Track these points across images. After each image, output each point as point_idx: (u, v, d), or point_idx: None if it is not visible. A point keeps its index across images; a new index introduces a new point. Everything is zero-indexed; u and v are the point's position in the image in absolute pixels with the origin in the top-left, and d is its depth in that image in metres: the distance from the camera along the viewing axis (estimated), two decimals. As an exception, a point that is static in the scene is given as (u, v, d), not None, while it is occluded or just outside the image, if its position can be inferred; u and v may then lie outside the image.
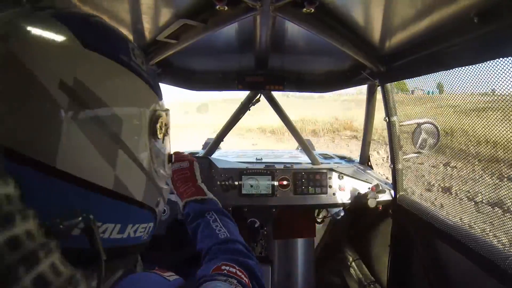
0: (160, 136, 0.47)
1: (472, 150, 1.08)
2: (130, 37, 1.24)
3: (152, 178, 0.46)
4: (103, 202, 0.38)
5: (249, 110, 1.94)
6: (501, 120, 0.90)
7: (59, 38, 0.35)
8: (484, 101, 0.96)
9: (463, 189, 1.17)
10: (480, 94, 0.96)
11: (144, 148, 0.43)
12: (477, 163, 1.06)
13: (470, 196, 1.14)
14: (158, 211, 0.52)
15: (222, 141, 2.09)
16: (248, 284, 0.55)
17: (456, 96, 1.08)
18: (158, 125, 0.45)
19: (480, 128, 1.01)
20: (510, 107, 0.85)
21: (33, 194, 0.32)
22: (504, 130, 0.90)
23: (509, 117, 0.87)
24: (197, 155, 2.12)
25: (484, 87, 0.92)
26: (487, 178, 1.04)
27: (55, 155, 0.33)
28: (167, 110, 0.50)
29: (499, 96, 0.88)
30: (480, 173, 1.06)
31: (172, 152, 0.58)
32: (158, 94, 0.48)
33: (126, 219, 0.42)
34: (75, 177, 0.34)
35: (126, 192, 0.41)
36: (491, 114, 0.95)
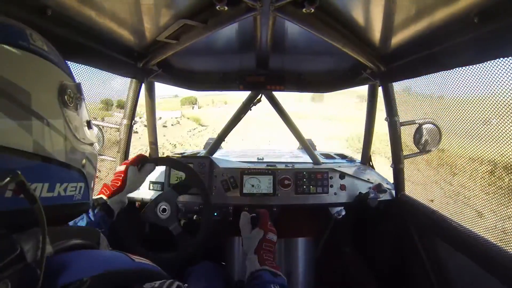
0: (71, 104, 0.53)
1: (473, 150, 1.07)
2: (131, 37, 1.24)
3: (71, 140, 0.52)
4: (27, 164, 0.43)
5: (250, 110, 1.95)
6: (503, 120, 0.90)
7: None
8: (485, 101, 0.96)
9: (465, 188, 1.16)
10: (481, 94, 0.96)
11: (57, 115, 0.49)
12: (478, 162, 1.06)
13: (471, 196, 1.14)
14: (87, 173, 0.57)
15: (224, 140, 2.09)
16: None
17: (457, 96, 1.08)
18: (66, 96, 0.52)
19: (481, 128, 1.00)
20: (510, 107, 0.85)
21: None
22: (505, 130, 0.90)
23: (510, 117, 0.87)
24: (198, 154, 2.13)
25: (484, 87, 0.92)
26: (488, 177, 1.04)
27: None
28: (77, 83, 0.57)
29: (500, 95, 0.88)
30: (482, 172, 1.06)
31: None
32: (63, 69, 0.54)
33: (53, 178, 0.48)
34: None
35: (47, 154, 0.46)
36: (492, 114, 0.94)
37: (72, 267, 0.44)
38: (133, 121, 1.64)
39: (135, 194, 1.49)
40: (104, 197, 1.09)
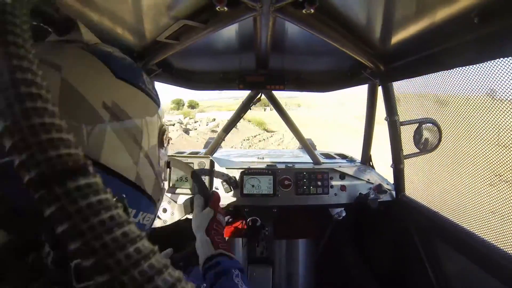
0: (165, 145, 0.60)
1: (474, 150, 1.07)
2: (131, 37, 1.24)
3: (158, 177, 0.58)
4: (127, 190, 0.49)
5: (250, 109, 1.95)
6: (503, 120, 0.90)
7: (97, 70, 0.47)
8: (485, 100, 0.96)
9: (465, 189, 1.16)
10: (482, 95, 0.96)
11: (154, 153, 0.56)
12: (479, 162, 1.06)
13: (472, 196, 1.14)
14: (158, 208, 0.63)
15: (224, 140, 2.10)
16: None
17: (457, 95, 1.08)
18: (164, 137, 0.58)
19: (482, 128, 1.00)
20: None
21: None
22: (506, 129, 0.90)
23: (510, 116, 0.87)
24: (198, 154, 2.13)
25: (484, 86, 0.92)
26: (488, 178, 1.04)
27: (99, 154, 0.44)
28: (168, 126, 0.63)
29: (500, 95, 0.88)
30: (482, 172, 1.06)
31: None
32: (162, 112, 0.60)
33: (140, 206, 0.54)
34: (113, 170, 0.46)
35: (142, 185, 0.52)
36: (493, 113, 0.94)
37: None
38: None
39: None
40: None
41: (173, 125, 22.94)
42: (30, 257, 0.41)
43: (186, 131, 21.58)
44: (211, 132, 21.25)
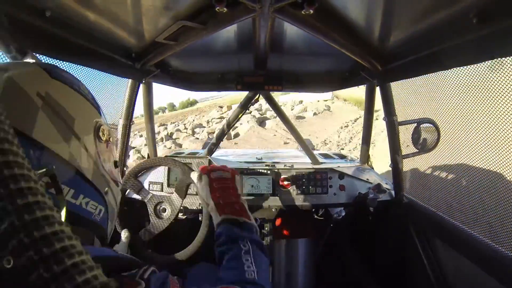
0: (103, 139, 0.65)
1: (473, 150, 1.08)
2: (130, 38, 1.24)
3: (98, 167, 0.63)
4: (60, 168, 0.53)
5: (248, 110, 1.95)
6: (502, 119, 0.91)
7: (36, 70, 0.58)
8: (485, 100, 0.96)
9: (464, 188, 1.17)
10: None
11: (91, 142, 0.62)
12: (478, 162, 1.07)
13: (471, 196, 1.14)
14: (108, 202, 0.66)
15: (222, 140, 2.09)
16: None
17: (457, 94, 1.09)
18: (100, 132, 0.64)
19: (480, 127, 1.01)
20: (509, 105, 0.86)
21: None
22: (504, 129, 0.90)
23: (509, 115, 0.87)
24: (197, 154, 2.13)
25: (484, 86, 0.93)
26: (488, 178, 1.04)
27: (32, 130, 0.51)
28: (110, 129, 0.70)
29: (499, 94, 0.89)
30: (481, 172, 1.06)
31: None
32: (100, 114, 0.68)
33: (78, 188, 0.57)
34: (43, 144, 0.52)
35: (78, 167, 0.57)
36: (492, 113, 0.95)
37: None
38: (132, 122, 1.63)
39: (135, 195, 1.49)
40: None
41: (250, 113, 17.21)
42: None
43: (262, 121, 16.68)
44: (296, 119, 16.35)
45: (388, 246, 1.75)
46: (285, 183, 1.69)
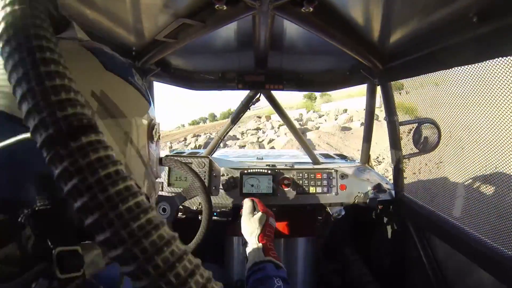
0: (155, 139, 0.59)
1: (473, 150, 1.07)
2: (130, 36, 1.24)
3: (148, 171, 0.58)
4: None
5: (249, 109, 1.95)
6: (503, 119, 0.90)
7: (89, 62, 0.48)
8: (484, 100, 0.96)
9: (464, 188, 1.16)
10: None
11: (143, 146, 0.55)
12: (478, 162, 1.06)
13: (471, 196, 1.14)
14: (152, 203, 0.62)
15: (223, 140, 2.09)
16: None
17: (457, 94, 1.08)
18: (154, 131, 0.58)
19: (480, 127, 1.00)
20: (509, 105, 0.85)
21: None
22: (505, 129, 0.90)
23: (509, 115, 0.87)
24: (198, 154, 2.13)
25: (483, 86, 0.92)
26: (488, 177, 1.04)
27: None
28: (158, 122, 0.64)
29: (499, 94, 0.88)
30: (481, 172, 1.06)
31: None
32: (153, 110, 0.61)
33: None
34: None
35: (131, 176, 0.49)
36: (492, 113, 0.94)
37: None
38: None
39: None
40: None
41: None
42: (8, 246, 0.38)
43: (302, 133, 13.60)
44: (341, 131, 14.37)
45: (388, 246, 1.74)
46: (286, 182, 1.69)
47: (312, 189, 1.70)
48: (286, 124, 2.13)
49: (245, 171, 1.70)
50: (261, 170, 1.71)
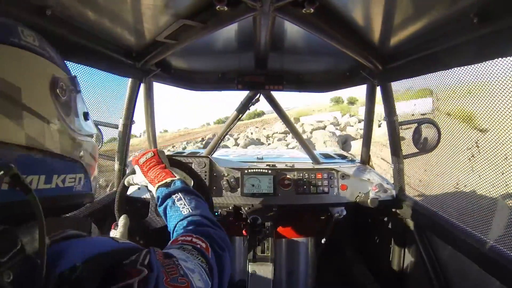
0: (63, 97, 0.54)
1: (473, 150, 1.08)
2: (130, 37, 1.24)
3: (65, 132, 0.54)
4: (21, 157, 0.45)
5: (249, 109, 1.95)
6: (503, 119, 0.90)
7: None
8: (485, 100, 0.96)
9: (464, 188, 1.17)
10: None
11: (49, 108, 0.51)
12: (478, 162, 1.07)
13: (471, 196, 1.14)
14: (86, 164, 0.59)
15: (223, 140, 2.09)
16: (206, 248, 0.64)
17: (456, 94, 1.08)
18: (58, 88, 0.53)
19: (481, 127, 1.01)
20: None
21: None
22: (505, 129, 0.90)
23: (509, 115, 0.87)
24: (198, 154, 2.13)
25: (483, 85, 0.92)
26: (488, 177, 1.04)
27: None
28: (71, 76, 0.59)
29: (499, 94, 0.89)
30: (481, 172, 1.06)
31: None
32: (56, 64, 0.56)
33: (48, 170, 0.50)
34: None
35: (40, 146, 0.48)
36: (492, 113, 0.95)
37: (65, 255, 0.45)
38: (132, 122, 1.63)
39: (136, 194, 1.49)
40: None
41: (324, 128, 15.57)
42: None
43: (345, 141, 12.88)
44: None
45: (388, 246, 1.74)
46: (286, 182, 1.69)
47: (312, 189, 1.70)
48: (287, 126, 2.14)
49: (246, 171, 1.70)
50: (261, 170, 1.71)
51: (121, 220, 1.17)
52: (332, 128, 14.57)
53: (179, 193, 0.79)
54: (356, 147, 11.21)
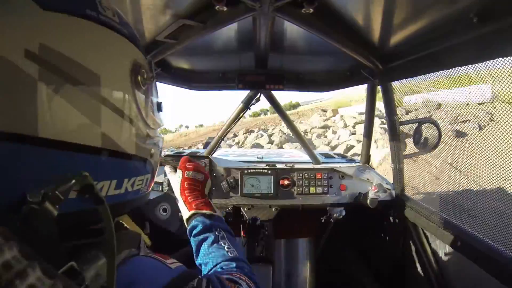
0: (143, 87, 0.47)
1: (472, 150, 1.08)
2: None
3: (141, 129, 0.46)
4: (94, 161, 0.39)
5: (249, 109, 1.95)
6: (503, 119, 0.90)
7: (14, 5, 0.32)
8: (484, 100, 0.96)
9: (464, 188, 1.16)
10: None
11: (129, 100, 0.43)
12: (477, 162, 1.06)
13: (471, 196, 1.14)
14: (154, 162, 0.53)
15: (223, 140, 2.09)
16: None
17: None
18: (139, 77, 0.45)
19: (481, 127, 1.00)
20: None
21: (22, 167, 0.33)
22: (505, 129, 0.90)
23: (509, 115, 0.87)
24: (198, 154, 2.13)
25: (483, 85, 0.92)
26: (488, 177, 1.04)
27: (35, 125, 0.33)
28: (150, 60, 0.51)
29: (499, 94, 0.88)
30: (481, 172, 1.06)
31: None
32: (137, 44, 0.47)
33: (121, 173, 0.43)
34: (61, 142, 0.35)
35: (117, 147, 0.41)
36: (492, 113, 0.94)
37: (140, 282, 0.41)
38: None
39: None
40: None
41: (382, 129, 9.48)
42: None
43: None
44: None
45: (388, 246, 1.74)
46: (286, 182, 1.69)
47: (312, 189, 1.70)
48: (286, 124, 2.13)
49: (246, 171, 1.70)
50: (261, 170, 1.71)
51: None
52: (377, 121, 9.99)
53: (222, 232, 0.74)
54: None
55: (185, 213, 0.81)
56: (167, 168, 1.00)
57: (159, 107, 0.55)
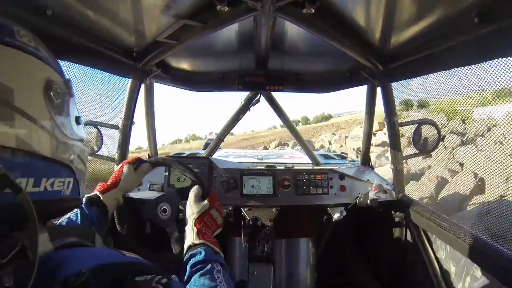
0: (57, 100, 0.53)
1: (472, 150, 1.08)
2: (131, 37, 1.24)
3: (57, 136, 0.53)
4: (10, 159, 0.45)
5: (249, 110, 1.94)
6: (503, 119, 0.90)
7: None
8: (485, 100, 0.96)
9: (464, 188, 1.17)
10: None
11: (42, 111, 0.50)
12: (477, 162, 1.07)
13: (471, 196, 1.14)
14: (76, 169, 0.59)
15: (223, 141, 2.09)
16: None
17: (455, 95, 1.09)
18: (52, 91, 0.52)
19: (481, 127, 1.01)
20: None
21: None
22: (505, 129, 0.90)
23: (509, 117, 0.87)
24: (198, 155, 2.13)
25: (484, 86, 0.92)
26: (487, 177, 1.04)
27: None
28: (65, 79, 0.58)
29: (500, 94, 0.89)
30: (481, 172, 1.06)
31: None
32: (51, 66, 0.54)
33: (38, 173, 0.49)
34: None
35: (31, 149, 0.47)
36: (491, 113, 0.95)
37: (70, 262, 0.45)
38: (132, 122, 1.63)
39: (136, 195, 1.48)
40: (98, 193, 1.06)
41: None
42: None
43: None
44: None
45: (388, 246, 1.74)
46: (286, 183, 1.69)
47: (312, 190, 1.70)
48: (286, 125, 2.13)
49: (245, 172, 1.70)
50: (261, 171, 1.71)
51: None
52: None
53: (220, 267, 0.79)
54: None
55: (192, 237, 0.86)
56: (196, 189, 1.06)
57: (77, 120, 0.61)
